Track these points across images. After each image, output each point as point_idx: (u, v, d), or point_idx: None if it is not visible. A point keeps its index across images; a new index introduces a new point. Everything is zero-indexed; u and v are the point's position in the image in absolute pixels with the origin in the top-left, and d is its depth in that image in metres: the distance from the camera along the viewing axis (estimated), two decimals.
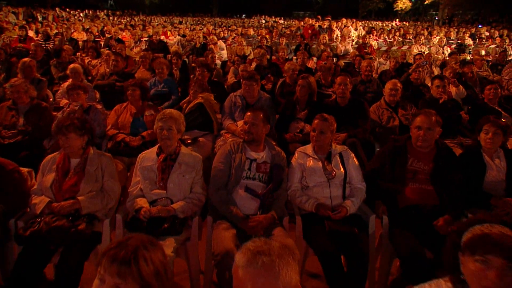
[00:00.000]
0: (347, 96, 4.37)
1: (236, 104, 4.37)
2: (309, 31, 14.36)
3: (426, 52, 11.56)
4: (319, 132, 2.95)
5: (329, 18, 17.16)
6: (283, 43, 10.82)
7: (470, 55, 11.68)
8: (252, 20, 34.49)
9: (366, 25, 20.30)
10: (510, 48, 11.55)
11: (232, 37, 14.43)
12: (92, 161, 2.76)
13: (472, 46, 12.10)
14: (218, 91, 5.82)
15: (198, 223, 2.76)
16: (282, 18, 37.99)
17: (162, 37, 13.96)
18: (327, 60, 7.82)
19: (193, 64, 10.62)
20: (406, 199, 2.77)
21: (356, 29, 15.96)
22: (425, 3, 39.14)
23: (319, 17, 19.55)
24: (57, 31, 12.85)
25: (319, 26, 15.49)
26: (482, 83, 6.21)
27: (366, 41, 11.55)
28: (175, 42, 10.82)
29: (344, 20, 18.22)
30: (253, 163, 2.88)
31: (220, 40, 10.96)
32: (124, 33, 13.46)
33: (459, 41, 12.39)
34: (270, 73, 7.48)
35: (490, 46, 12.87)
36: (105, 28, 15.37)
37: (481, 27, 23.45)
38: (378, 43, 13.26)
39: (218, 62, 10.05)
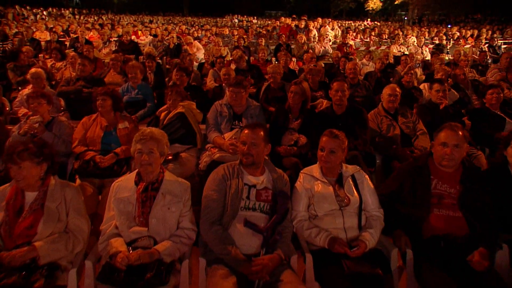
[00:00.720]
0: (344, 104, 3.96)
1: (222, 114, 3.88)
2: (287, 31, 14.00)
3: (405, 53, 11.47)
4: (329, 151, 2.50)
5: (305, 18, 16.82)
6: (263, 44, 10.36)
7: (449, 55, 11.65)
8: (224, 19, 33.93)
9: (342, 24, 20.12)
10: (486, 48, 11.56)
11: (207, 37, 13.87)
12: (53, 194, 2.21)
13: (449, 46, 12.06)
14: (198, 97, 5.30)
15: (189, 267, 2.26)
16: (255, 17, 37.66)
17: (133, 37, 13.22)
18: (310, 61, 7.43)
19: (167, 66, 10.03)
20: (432, 228, 2.38)
21: (332, 29, 15.74)
22: (395, 3, 39.72)
23: (294, 16, 19.27)
24: (17, 31, 11.90)
25: (296, 26, 15.17)
26: (474, 85, 5.99)
27: (346, 41, 11.26)
28: (147, 43, 10.17)
29: (320, 20, 17.99)
30: (252, 190, 2.41)
31: (196, 41, 10.39)
32: (91, 33, 12.61)
33: (437, 41, 12.32)
34: (250, 75, 7.02)
35: (465, 46, 12.91)
36: (71, 27, 14.45)
37: (450, 27, 23.89)
38: (355, 43, 13.04)
39: (194, 64, 9.50)
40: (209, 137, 3.78)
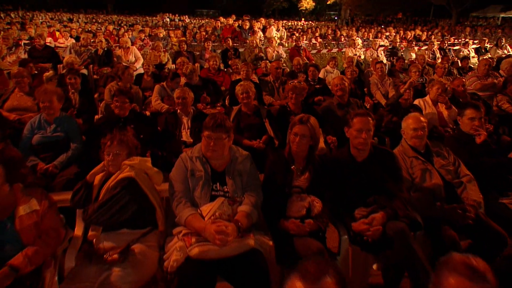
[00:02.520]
0: (368, 148, 2.79)
1: (194, 174, 2.49)
2: (230, 33, 12.69)
3: (361, 57, 10.75)
4: None
5: (248, 18, 15.63)
6: (210, 48, 8.94)
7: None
8: (155, 18, 31.66)
9: (282, 25, 19.28)
10: (437, 51, 11.26)
11: (141, 39, 12.07)
12: None
13: (403, 49, 11.59)
14: (147, 131, 3.83)
15: None
16: (187, 16, 35.89)
17: (49, 40, 11.05)
18: (276, 72, 6.20)
19: (95, 77, 8.24)
20: None
21: (278, 30, 14.73)
22: (328, 3, 40.19)
23: (233, 16, 17.98)
24: None
25: (240, 27, 13.92)
26: (473, 99, 5.19)
27: (300, 44, 10.23)
28: (69, 49, 8.25)
29: (263, 20, 16.90)
30: None
31: (133, 46, 8.68)
32: None
33: (391, 44, 11.80)
34: (206, 92, 5.64)
35: (418, 49, 12.61)
36: None
37: (384, 27, 24.27)
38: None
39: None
40: (178, 216, 2.36)
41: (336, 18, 42.23)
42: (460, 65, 9.21)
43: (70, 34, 12.49)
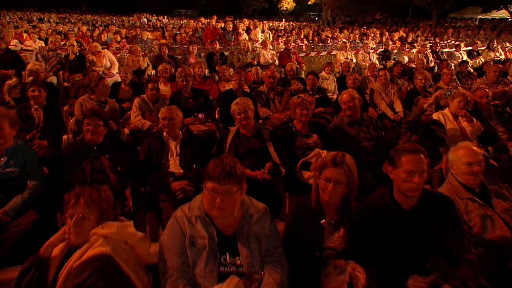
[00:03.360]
0: (418, 194, 2.14)
1: (195, 242, 1.78)
2: (214, 35, 11.93)
3: (354, 60, 10.20)
4: None
5: (231, 19, 14.87)
6: (194, 52, 8.17)
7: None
8: (132, 18, 30.46)
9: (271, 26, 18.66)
10: (430, 54, 10.82)
11: (117, 41, 11.18)
12: None
13: (395, 51, 11.10)
14: (126, 160, 3.07)
15: None
16: (165, 16, 34.84)
17: (14, 43, 10.04)
18: (269, 82, 5.49)
19: (65, 84, 7.36)
20: None
21: (263, 32, 14.03)
22: (308, 3, 39.78)
23: (215, 16, 17.17)
24: None
25: (223, 28, 13.16)
26: (497, 111, 4.65)
27: (290, 47, 9.58)
28: (35, 54, 7.33)
29: (246, 21, 16.15)
30: None
31: (106, 50, 7.82)
32: None
33: (383, 47, 11.28)
34: (197, 105, 4.91)
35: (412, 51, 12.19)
36: None
37: (366, 28, 23.98)
38: None
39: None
40: None
41: (316, 18, 41.94)
42: (459, 69, 8.74)
43: (39, 35, 11.47)
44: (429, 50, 11.08)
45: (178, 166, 3.21)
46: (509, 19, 29.49)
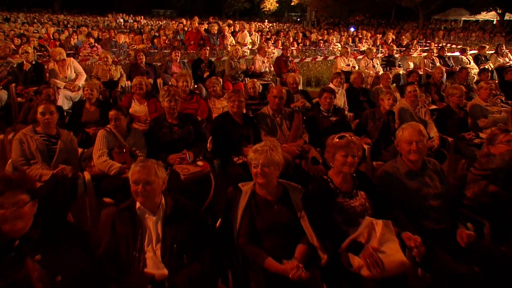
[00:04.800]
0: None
1: None
2: (198, 39, 10.63)
3: (356, 67, 9.09)
4: None
5: (215, 20, 13.56)
6: (177, 59, 6.87)
7: (401, 68, 9.63)
8: (107, 18, 28.72)
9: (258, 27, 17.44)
10: (437, 60, 9.83)
11: (90, 44, 9.75)
12: None
13: (396, 55, 10.05)
14: (74, 262, 1.82)
15: None
16: (142, 17, 33.24)
17: None
18: (279, 102, 4.26)
19: (19, 100, 5.97)
20: None
21: (251, 34, 12.78)
22: (291, 4, 38.78)
23: (196, 17, 15.82)
24: None
25: (207, 31, 11.85)
26: None
27: (287, 54, 8.39)
28: None
29: (231, 22, 14.84)
30: None
31: (71, 58, 6.41)
32: None
33: (388, 52, 10.18)
34: (186, 138, 3.65)
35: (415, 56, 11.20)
36: None
37: (353, 29, 23.07)
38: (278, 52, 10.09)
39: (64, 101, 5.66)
40: None
41: (298, 19, 41.03)
42: (478, 78, 7.75)
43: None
44: (436, 55, 10.09)
45: (159, 264, 1.97)
46: (494, 21, 29.23)
